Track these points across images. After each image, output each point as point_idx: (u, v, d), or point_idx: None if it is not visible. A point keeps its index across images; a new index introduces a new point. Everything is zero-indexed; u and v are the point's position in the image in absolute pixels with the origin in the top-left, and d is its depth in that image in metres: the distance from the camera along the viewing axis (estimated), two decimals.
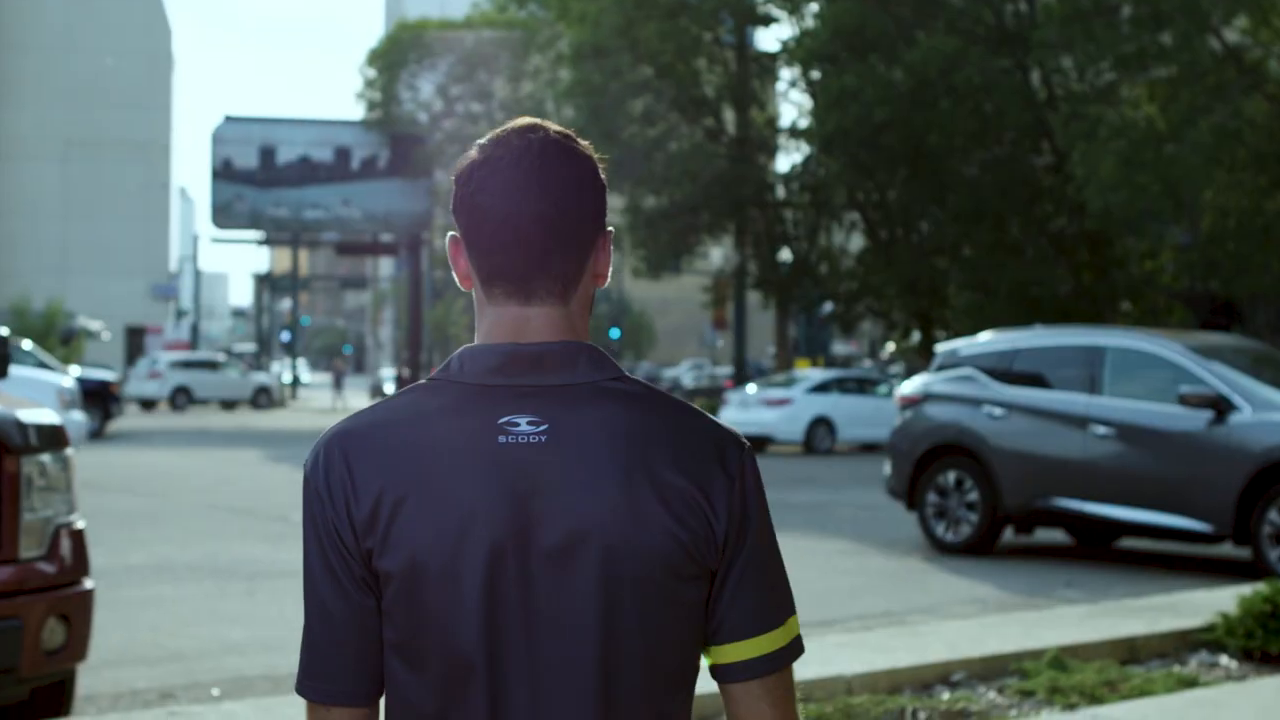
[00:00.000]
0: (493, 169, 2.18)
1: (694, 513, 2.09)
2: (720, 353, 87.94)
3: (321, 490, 2.13)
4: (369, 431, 2.13)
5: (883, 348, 75.86)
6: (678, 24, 45.21)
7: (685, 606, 2.11)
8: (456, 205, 2.21)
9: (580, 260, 2.20)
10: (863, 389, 37.22)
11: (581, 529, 2.06)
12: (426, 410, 2.14)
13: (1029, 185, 39.07)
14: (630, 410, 2.13)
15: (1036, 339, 15.87)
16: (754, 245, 47.82)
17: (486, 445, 2.09)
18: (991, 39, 39.01)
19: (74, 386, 22.34)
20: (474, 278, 2.22)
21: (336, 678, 2.14)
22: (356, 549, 2.10)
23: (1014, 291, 37.50)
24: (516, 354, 2.15)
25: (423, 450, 2.10)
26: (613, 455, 2.09)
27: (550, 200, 2.16)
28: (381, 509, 2.08)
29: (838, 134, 39.29)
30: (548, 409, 2.12)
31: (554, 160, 2.18)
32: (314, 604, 2.15)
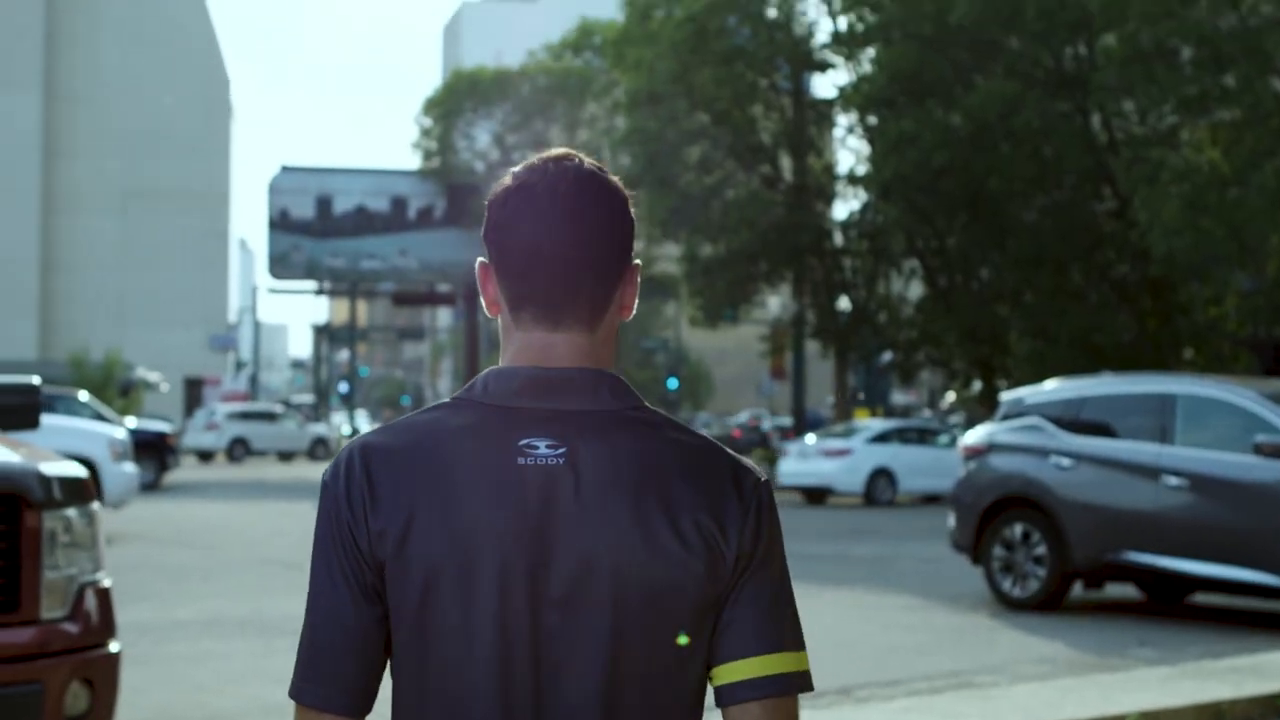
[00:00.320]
0: (526, 196, 2.21)
1: (707, 542, 2.11)
2: (778, 402, 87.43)
3: (340, 497, 2.15)
4: (390, 445, 2.16)
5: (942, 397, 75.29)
6: (734, 70, 44.97)
7: (694, 638, 2.13)
8: (488, 231, 2.25)
9: (608, 290, 2.23)
10: (923, 439, 36.76)
11: (594, 554, 2.09)
12: (448, 427, 2.17)
13: (1090, 230, 38.55)
14: (648, 439, 2.16)
15: (1105, 387, 15.41)
16: (812, 294, 47.41)
17: (505, 465, 2.12)
18: (1050, 82, 38.58)
19: (126, 438, 22.11)
20: (502, 303, 2.25)
21: (333, 684, 2.14)
22: (370, 558, 2.12)
23: (1076, 339, 37.00)
24: (540, 378, 2.18)
25: (441, 467, 2.13)
26: (629, 483, 2.11)
27: (582, 229, 2.20)
28: (397, 521, 2.11)
29: (896, 180, 38.91)
30: (568, 434, 2.14)
31: (587, 191, 2.22)
32: (319, 610, 2.16)
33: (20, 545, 5.97)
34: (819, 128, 49.01)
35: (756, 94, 46.84)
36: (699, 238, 46.69)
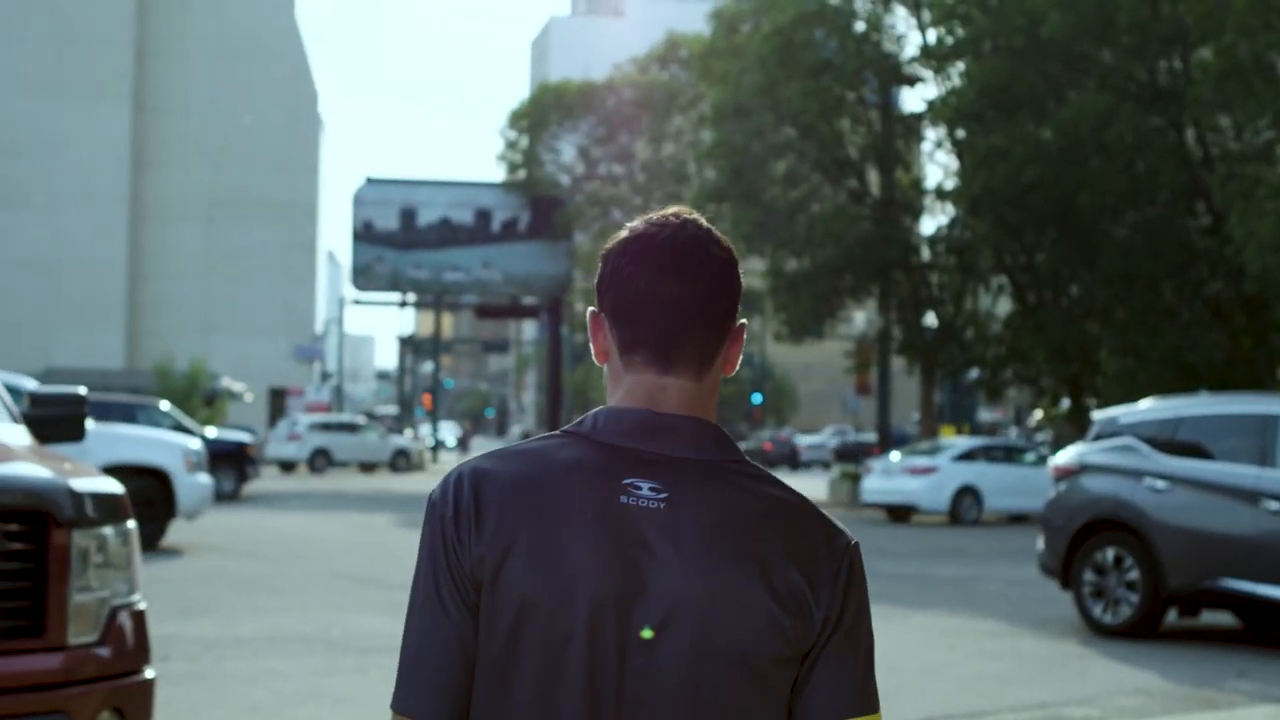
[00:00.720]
0: (645, 245, 2.30)
1: (797, 599, 2.17)
2: (863, 418, 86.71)
3: (448, 517, 2.23)
4: (498, 471, 2.24)
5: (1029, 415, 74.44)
6: (821, 83, 44.49)
7: (773, 691, 2.18)
8: (604, 279, 2.33)
9: (717, 342, 2.32)
10: (1010, 458, 36.18)
11: (685, 599, 2.14)
12: (556, 460, 2.23)
13: (1183, 247, 37.79)
14: (747, 493, 2.23)
15: (1202, 407, 14.82)
16: (898, 309, 46.83)
17: (607, 502, 2.18)
18: (1144, 96, 37.88)
19: (200, 449, 21.88)
20: (612, 349, 2.33)
21: (432, 696, 2.20)
22: (472, 579, 2.19)
23: (1168, 357, 36.33)
24: (650, 421, 2.26)
25: (546, 497, 2.19)
26: (725, 533, 2.18)
27: (697, 283, 2.29)
28: (497, 548, 2.18)
29: (985, 194, 38.30)
30: (671, 479, 2.21)
31: (703, 247, 2.31)
32: (421, 624, 2.24)
33: (47, 565, 5.62)
34: (906, 142, 48.46)
35: (843, 108, 46.35)
36: (784, 252, 46.27)
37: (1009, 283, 43.58)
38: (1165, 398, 16.11)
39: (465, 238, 65.88)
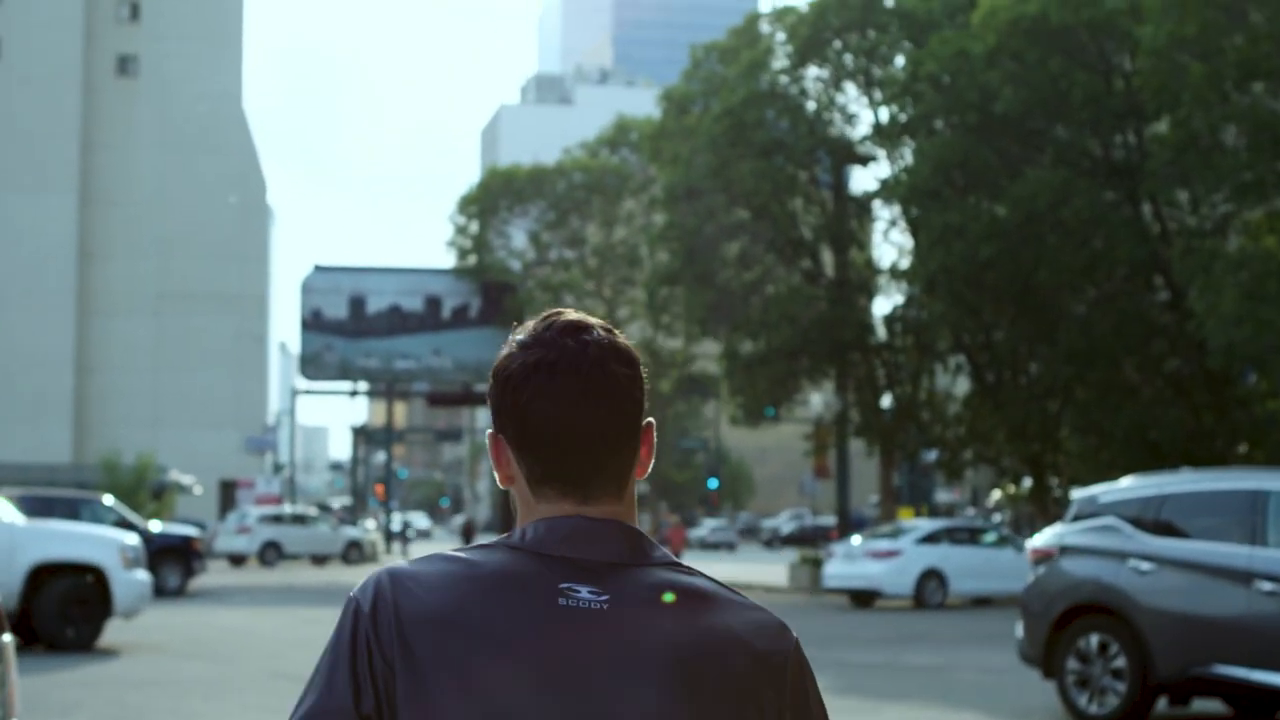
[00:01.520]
0: (549, 375, 2.19)
1: (745, 709, 2.14)
2: (821, 501, 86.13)
3: (365, 613, 2.14)
4: (423, 576, 2.16)
5: (987, 495, 74.06)
6: (773, 164, 44.16)
7: None
8: (503, 407, 2.23)
9: (632, 458, 2.26)
10: (974, 539, 35.58)
11: (632, 698, 2.10)
12: (486, 567, 2.17)
13: (1143, 323, 37.44)
14: (688, 597, 2.17)
15: (1187, 484, 14.14)
16: (855, 390, 46.32)
17: (545, 605, 2.12)
18: (1100, 172, 37.66)
19: (137, 544, 21.03)
20: (519, 477, 2.25)
21: None
22: (384, 673, 2.11)
23: (1130, 435, 35.96)
24: (582, 528, 2.19)
25: (475, 606, 2.13)
26: (668, 642, 2.12)
27: (608, 409, 2.20)
28: (420, 653, 2.10)
29: (941, 273, 37.86)
30: (610, 584, 2.15)
31: (609, 365, 2.21)
32: (314, 692, 2.14)
33: None
34: (860, 221, 48.13)
35: (796, 187, 46.00)
36: (739, 334, 45.78)
37: (967, 362, 43.16)
38: (1146, 475, 15.45)
39: (415, 325, 65.19)
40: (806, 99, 45.39)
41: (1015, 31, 36.04)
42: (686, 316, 47.37)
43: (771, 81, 44.84)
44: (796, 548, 60.01)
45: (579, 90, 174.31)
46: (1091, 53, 36.92)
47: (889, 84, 42.26)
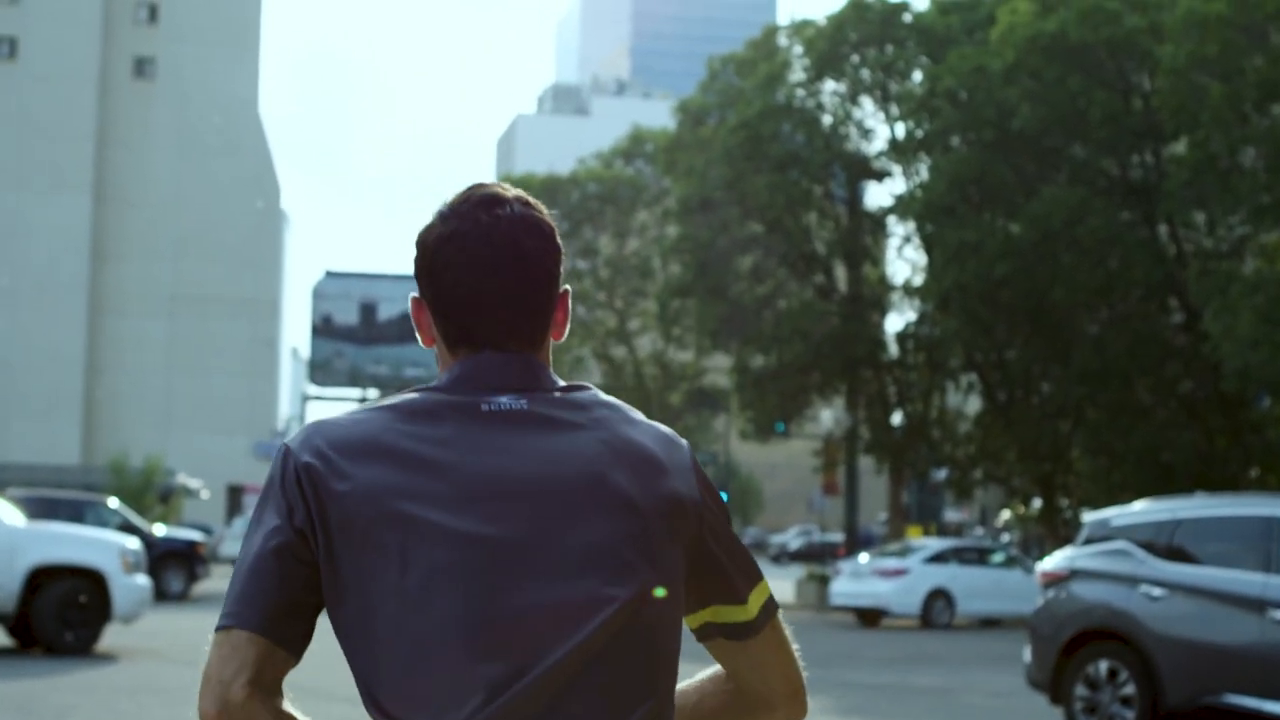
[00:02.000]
0: (461, 244, 2.33)
1: (654, 491, 2.28)
2: (829, 518, 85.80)
3: (293, 450, 2.26)
4: (348, 417, 2.32)
5: (996, 515, 73.69)
6: (787, 177, 43.95)
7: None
8: (422, 273, 2.38)
9: (545, 323, 2.39)
10: (982, 559, 35.31)
11: (557, 477, 2.24)
12: (409, 402, 2.31)
13: (1157, 344, 37.17)
14: (601, 406, 2.34)
15: (1201, 509, 13.89)
16: (866, 407, 46.09)
17: (468, 416, 2.27)
18: (1116, 191, 37.42)
19: (138, 548, 20.81)
20: (439, 341, 2.40)
21: (253, 607, 2.20)
22: (315, 502, 2.22)
23: (1142, 457, 35.68)
24: (494, 360, 2.34)
25: (401, 427, 2.26)
26: (590, 437, 2.28)
27: (517, 278, 2.34)
28: (358, 464, 2.22)
29: (955, 290, 37.62)
30: (525, 395, 2.31)
31: (521, 235, 2.34)
32: (250, 547, 2.26)
33: None
34: (874, 237, 47.92)
35: (811, 202, 45.81)
36: (750, 349, 45.56)
37: (979, 380, 42.92)
38: (1159, 499, 15.21)
39: None
40: (823, 113, 45.22)
41: (1034, 49, 35.83)
42: (698, 329, 47.14)
43: (788, 95, 44.67)
44: (804, 564, 59.73)
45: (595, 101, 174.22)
46: (1110, 71, 36.70)
47: (906, 99, 42.08)
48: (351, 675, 2.27)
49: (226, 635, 2.21)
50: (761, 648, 2.40)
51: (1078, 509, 41.17)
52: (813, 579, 40.90)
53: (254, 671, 2.20)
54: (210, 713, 2.20)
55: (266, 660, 2.21)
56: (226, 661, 2.20)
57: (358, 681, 2.26)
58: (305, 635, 2.27)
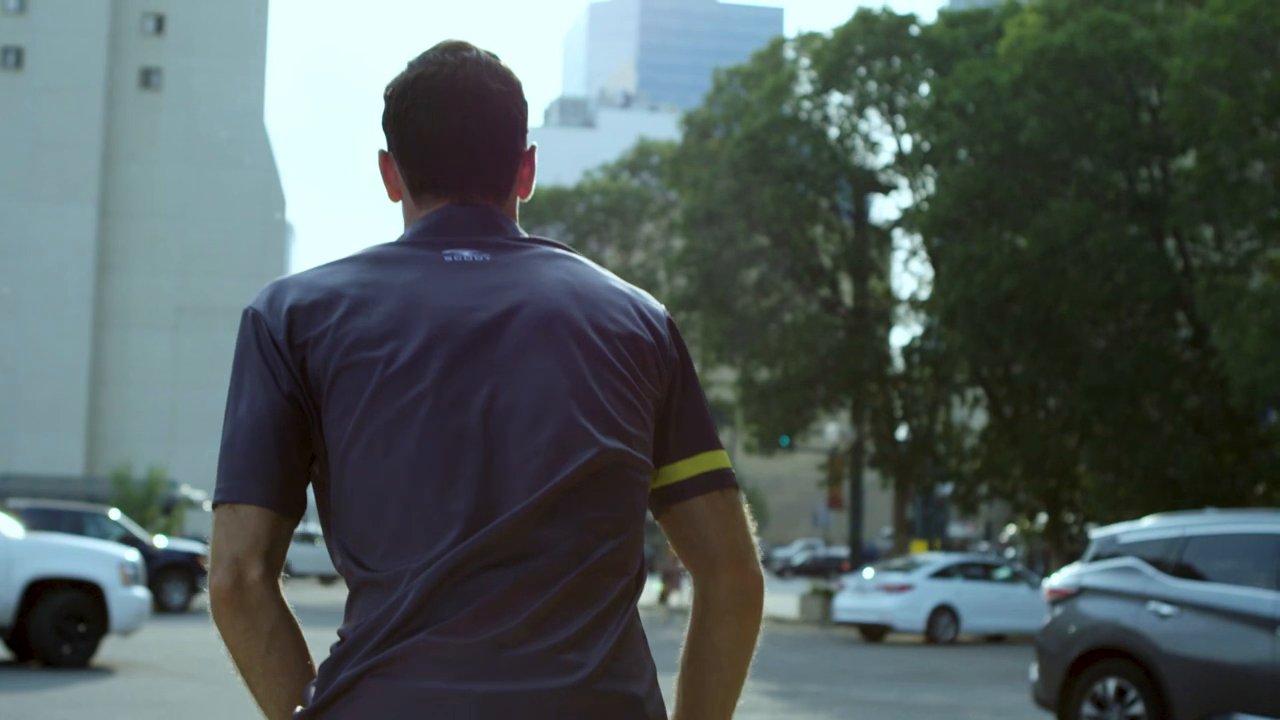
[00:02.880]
0: (426, 86, 2.36)
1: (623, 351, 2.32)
2: (834, 533, 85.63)
3: (261, 312, 2.29)
4: (311, 272, 2.35)
5: (1001, 530, 73.51)
6: (793, 190, 43.81)
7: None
8: (388, 120, 2.40)
9: (509, 173, 2.43)
10: (987, 575, 35.08)
11: (526, 301, 2.29)
12: (372, 254, 2.35)
13: (1165, 359, 36.98)
14: (563, 259, 2.39)
15: (1211, 526, 13.68)
16: (871, 421, 45.88)
17: (431, 266, 2.31)
18: (1124, 205, 37.25)
19: (137, 560, 20.64)
20: (404, 190, 2.45)
21: (254, 480, 2.23)
22: (292, 358, 2.25)
23: (1149, 472, 35.47)
24: (458, 213, 2.38)
25: (365, 276, 2.30)
26: (549, 290, 2.31)
27: (479, 118, 2.35)
28: (328, 314, 2.25)
29: (961, 304, 37.43)
30: (489, 248, 2.36)
31: (485, 78, 2.37)
32: (239, 415, 2.26)
33: None
34: (880, 250, 47.73)
35: (817, 215, 45.66)
36: (756, 362, 45.38)
37: (985, 395, 42.73)
38: (1168, 515, 15.01)
39: None
40: (829, 125, 45.06)
41: (1042, 62, 35.70)
42: (703, 342, 46.93)
43: (794, 107, 44.54)
44: (808, 579, 59.52)
45: (602, 114, 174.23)
46: (1118, 85, 36.56)
47: (913, 112, 41.92)
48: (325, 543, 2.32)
49: (232, 510, 2.23)
50: (706, 510, 2.39)
51: (1083, 525, 40.98)
52: (817, 594, 40.70)
53: (267, 546, 2.25)
54: (224, 589, 2.23)
55: (276, 533, 2.26)
56: (236, 538, 2.23)
57: (331, 539, 2.29)
58: (304, 503, 2.31)
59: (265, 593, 2.25)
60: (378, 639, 2.17)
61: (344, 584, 2.40)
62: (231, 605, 2.24)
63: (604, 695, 2.20)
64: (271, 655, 2.27)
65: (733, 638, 2.41)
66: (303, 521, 17.90)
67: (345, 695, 2.17)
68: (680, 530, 2.40)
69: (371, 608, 2.20)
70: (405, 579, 2.18)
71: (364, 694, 2.16)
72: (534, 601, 2.18)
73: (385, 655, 2.16)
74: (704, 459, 2.38)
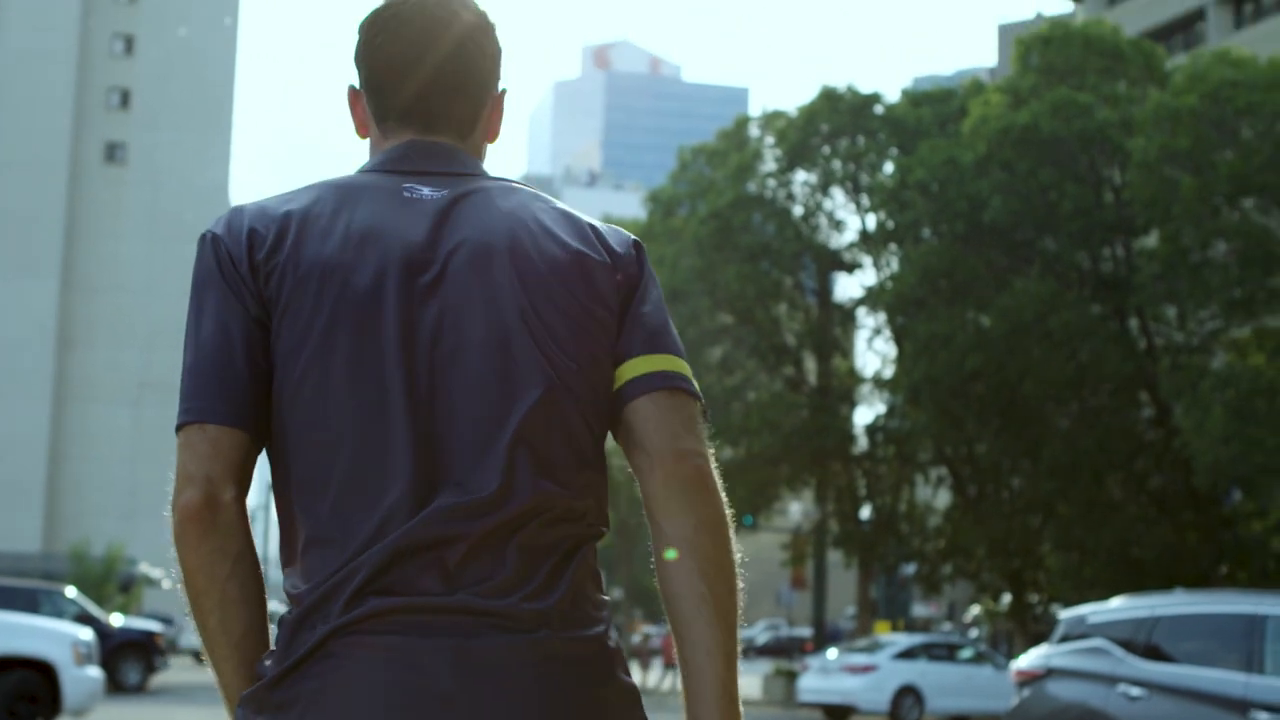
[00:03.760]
0: (395, 13, 2.37)
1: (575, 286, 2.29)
2: (797, 613, 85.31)
3: (219, 234, 2.28)
4: (272, 198, 2.34)
5: (965, 610, 73.35)
6: (758, 268, 43.84)
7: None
8: (358, 52, 2.41)
9: (475, 109, 2.43)
10: (952, 655, 34.88)
11: (478, 240, 2.27)
12: (333, 181, 2.35)
13: (1129, 438, 36.98)
14: (523, 196, 2.37)
15: (1180, 606, 13.52)
16: (835, 500, 45.73)
17: (388, 200, 2.30)
18: (1087, 284, 37.34)
19: (91, 640, 20.34)
20: (371, 122, 2.45)
21: (224, 400, 2.20)
22: (253, 278, 2.23)
23: (1113, 552, 35.36)
24: (418, 144, 2.38)
25: (326, 203, 2.29)
26: (508, 227, 2.29)
27: (448, 47, 2.35)
28: (285, 239, 2.23)
29: (925, 382, 37.40)
30: (449, 184, 2.34)
31: (458, 8, 2.38)
32: (203, 336, 2.24)
33: None
34: (844, 329, 47.74)
35: (781, 293, 45.68)
36: (720, 440, 45.19)
37: (949, 474, 42.64)
38: (1137, 595, 14.86)
39: None
40: (794, 204, 45.15)
41: (1005, 141, 35.86)
42: None
43: (759, 185, 44.62)
44: (771, 659, 59.18)
45: (567, 192, 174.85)
46: (1082, 164, 36.72)
47: (877, 191, 42.02)
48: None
49: (201, 430, 2.20)
50: (648, 408, 2.31)
51: (1048, 605, 40.84)
52: (780, 674, 40.41)
53: (238, 467, 2.22)
54: (194, 507, 2.19)
55: (246, 456, 2.23)
56: (208, 457, 2.20)
57: (275, 480, 2.26)
58: (269, 429, 2.25)
59: (236, 514, 2.22)
60: (344, 599, 2.15)
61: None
62: (201, 524, 2.20)
63: (566, 641, 2.19)
64: (232, 582, 2.23)
65: (685, 524, 2.31)
66: (271, 598, 17.66)
67: (314, 655, 2.15)
68: (627, 437, 2.34)
69: (326, 563, 2.18)
70: (361, 533, 2.16)
71: (335, 654, 2.15)
72: (494, 557, 2.17)
73: (355, 615, 2.14)
74: (655, 359, 2.32)
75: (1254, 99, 31.56)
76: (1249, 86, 31.79)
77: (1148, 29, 57.31)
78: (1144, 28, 56.93)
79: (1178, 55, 50.00)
